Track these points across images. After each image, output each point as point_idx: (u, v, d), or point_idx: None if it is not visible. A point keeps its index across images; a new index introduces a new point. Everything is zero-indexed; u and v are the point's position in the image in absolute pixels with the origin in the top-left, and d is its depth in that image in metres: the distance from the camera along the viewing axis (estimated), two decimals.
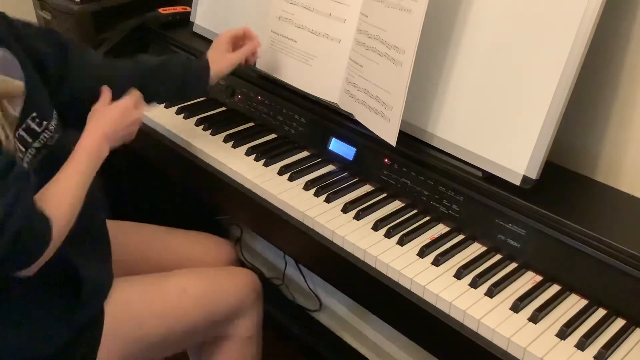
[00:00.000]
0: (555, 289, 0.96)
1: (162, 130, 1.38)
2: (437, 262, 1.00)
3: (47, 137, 0.98)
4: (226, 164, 1.24)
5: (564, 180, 1.08)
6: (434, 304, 0.94)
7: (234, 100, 1.43)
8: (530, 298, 0.93)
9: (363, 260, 1.03)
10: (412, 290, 0.97)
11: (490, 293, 0.94)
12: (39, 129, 0.96)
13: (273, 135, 1.34)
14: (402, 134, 1.08)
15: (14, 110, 0.92)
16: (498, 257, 1.02)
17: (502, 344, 0.87)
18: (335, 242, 1.06)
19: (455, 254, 1.02)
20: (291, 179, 1.19)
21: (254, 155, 1.26)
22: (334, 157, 1.24)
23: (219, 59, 1.24)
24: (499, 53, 1.03)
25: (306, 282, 1.89)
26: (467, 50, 1.06)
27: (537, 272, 0.99)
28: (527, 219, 0.99)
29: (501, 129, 1.03)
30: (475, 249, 1.04)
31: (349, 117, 1.20)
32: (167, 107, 1.44)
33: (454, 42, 1.08)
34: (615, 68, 1.04)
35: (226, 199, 1.29)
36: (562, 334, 0.87)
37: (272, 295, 1.35)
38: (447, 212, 1.08)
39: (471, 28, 1.06)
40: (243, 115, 1.40)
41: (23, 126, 0.94)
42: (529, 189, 1.00)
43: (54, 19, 1.63)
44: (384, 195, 1.15)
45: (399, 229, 1.06)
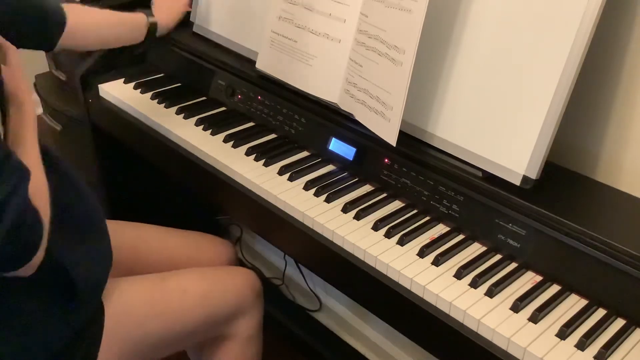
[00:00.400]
0: (555, 289, 0.96)
1: (162, 130, 1.38)
2: (437, 262, 1.00)
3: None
4: (226, 164, 1.24)
5: (564, 180, 1.08)
6: (434, 304, 0.94)
7: (234, 100, 1.43)
8: (530, 298, 0.93)
9: (363, 260, 1.03)
10: (412, 290, 0.97)
11: (490, 293, 0.94)
12: None
13: (273, 135, 1.34)
14: (402, 134, 1.08)
15: None
16: (498, 257, 1.02)
17: (502, 344, 0.87)
18: (335, 242, 1.06)
19: (455, 254, 1.02)
20: (291, 179, 1.19)
21: (254, 155, 1.26)
22: (334, 157, 1.24)
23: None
24: (499, 53, 1.03)
25: (306, 282, 1.89)
26: (467, 50, 1.06)
27: (537, 272, 0.99)
28: (527, 219, 0.99)
29: (501, 129, 1.03)
30: (475, 249, 1.04)
31: (349, 117, 1.20)
32: (167, 107, 1.44)
33: (454, 42, 1.08)
34: (615, 68, 1.04)
35: (226, 199, 1.29)
36: (562, 334, 0.87)
37: (272, 295, 1.35)
38: (447, 212, 1.08)
39: (471, 28, 1.06)
40: (243, 115, 1.40)
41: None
42: (529, 189, 1.00)
43: None
44: (384, 195, 1.16)
45: (399, 229, 1.06)
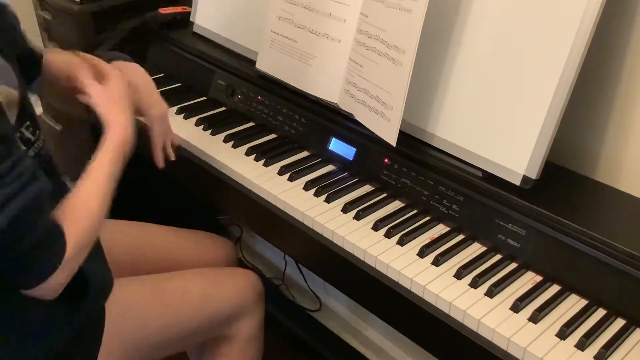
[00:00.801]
0: (555, 289, 0.96)
1: None
2: (437, 262, 1.00)
3: (40, 146, 0.97)
4: (226, 164, 1.24)
5: (564, 180, 1.08)
6: (434, 304, 0.94)
7: (234, 100, 1.43)
8: (530, 298, 0.93)
9: (363, 260, 1.03)
10: (412, 290, 0.97)
11: (490, 293, 0.94)
12: (32, 138, 0.94)
13: (273, 135, 1.34)
14: (402, 134, 1.08)
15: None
16: (498, 257, 1.02)
17: (502, 344, 0.87)
18: (335, 242, 1.06)
19: (455, 254, 1.02)
20: (291, 179, 1.19)
21: (254, 155, 1.26)
22: (334, 157, 1.24)
23: None
24: (499, 53, 1.03)
25: (306, 282, 1.89)
26: (467, 50, 1.06)
27: (537, 272, 0.99)
28: (527, 219, 0.99)
29: (501, 129, 1.03)
30: (475, 249, 1.04)
31: (349, 117, 1.20)
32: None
33: (454, 42, 1.08)
34: (615, 68, 1.04)
35: (226, 199, 1.29)
36: (562, 334, 0.87)
37: (272, 295, 1.35)
38: (447, 212, 1.08)
39: (471, 28, 1.06)
40: (243, 115, 1.40)
41: (18, 135, 0.92)
42: (529, 189, 1.00)
43: (54, 19, 1.63)
44: (384, 195, 1.15)
45: (399, 229, 1.06)
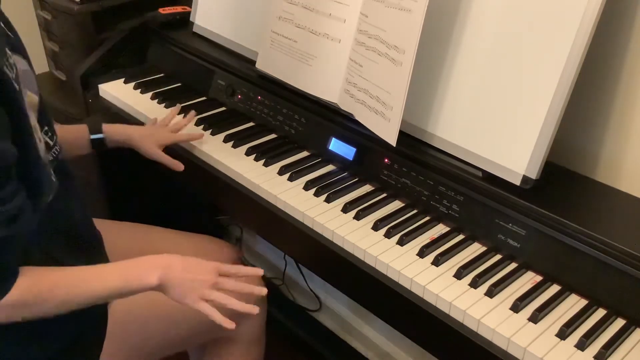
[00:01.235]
0: (555, 289, 0.96)
1: None
2: (437, 262, 1.00)
3: (57, 151, 0.98)
4: (226, 164, 1.24)
5: (564, 180, 1.08)
6: (434, 304, 0.94)
7: (234, 100, 1.43)
8: (530, 298, 0.93)
9: (363, 260, 1.03)
10: (412, 290, 0.97)
11: (490, 293, 0.94)
12: (51, 142, 0.96)
13: (273, 135, 1.34)
14: (402, 134, 1.08)
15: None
16: (498, 257, 1.02)
17: (502, 344, 0.87)
18: (335, 242, 1.06)
19: (455, 254, 1.02)
20: (291, 179, 1.19)
21: (254, 155, 1.26)
22: (334, 157, 1.24)
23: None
24: (499, 53, 1.03)
25: (306, 282, 1.89)
26: (467, 50, 1.06)
27: (537, 272, 0.99)
28: (527, 219, 0.99)
29: (501, 129, 1.03)
30: (475, 249, 1.04)
31: (349, 117, 1.20)
32: (167, 107, 1.44)
33: (454, 42, 1.08)
34: (615, 68, 1.04)
35: (226, 199, 1.29)
36: (562, 334, 0.87)
37: (272, 295, 1.34)
38: (447, 212, 1.08)
39: (471, 28, 1.06)
40: (243, 115, 1.40)
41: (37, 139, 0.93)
42: (529, 189, 1.00)
43: (54, 19, 1.63)
44: (384, 195, 1.15)
45: (399, 229, 1.06)
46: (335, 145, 1.24)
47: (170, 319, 1.12)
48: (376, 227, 1.07)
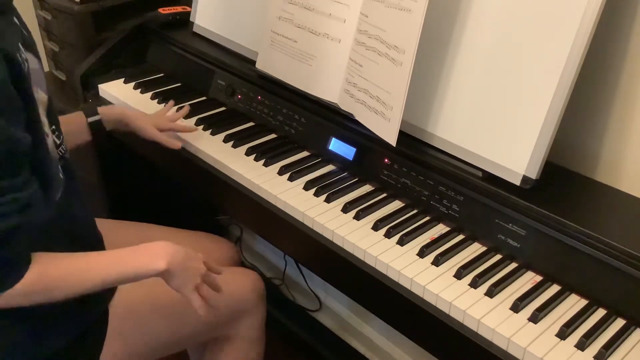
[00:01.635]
0: (555, 289, 0.96)
1: None
2: (437, 262, 1.00)
3: (64, 150, 0.98)
4: (226, 164, 1.24)
5: (564, 180, 1.08)
6: (434, 304, 0.94)
7: (234, 100, 1.43)
8: (530, 298, 0.93)
9: (363, 260, 1.03)
10: (412, 290, 0.97)
11: (490, 293, 0.94)
12: (58, 141, 0.96)
13: (273, 135, 1.34)
14: (402, 134, 1.08)
15: None
16: (498, 257, 1.02)
17: (502, 344, 0.87)
18: (335, 242, 1.06)
19: (455, 254, 1.02)
20: (291, 179, 1.19)
21: (254, 155, 1.26)
22: (334, 157, 1.24)
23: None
24: (499, 53, 1.03)
25: (306, 282, 1.89)
26: (467, 50, 1.06)
27: (537, 272, 0.99)
28: (527, 219, 0.99)
29: (501, 129, 1.03)
30: (475, 249, 1.04)
31: (349, 117, 1.20)
32: None
33: (454, 42, 1.08)
34: (615, 68, 1.04)
35: (226, 199, 1.29)
36: (562, 334, 0.87)
37: (272, 295, 1.35)
38: (447, 212, 1.08)
39: (471, 28, 1.06)
40: (243, 115, 1.40)
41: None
42: (529, 189, 1.00)
43: (54, 19, 1.63)
44: (384, 195, 1.15)
45: (399, 229, 1.06)
46: (335, 145, 1.24)
47: (172, 318, 1.12)
48: (376, 227, 1.07)
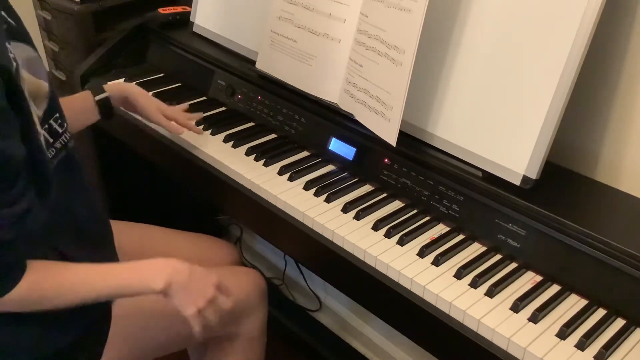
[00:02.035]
0: (555, 289, 0.96)
1: (161, 130, 1.37)
2: (437, 262, 1.00)
3: (67, 139, 0.98)
4: (226, 164, 1.24)
5: (564, 180, 1.08)
6: (434, 304, 0.94)
7: (234, 100, 1.43)
8: (530, 298, 0.93)
9: (363, 260, 1.03)
10: (412, 290, 0.97)
11: (490, 293, 0.94)
12: (60, 130, 0.96)
13: (273, 135, 1.34)
14: (402, 134, 1.08)
15: (38, 110, 0.91)
16: (498, 257, 1.02)
17: (502, 344, 0.87)
18: (335, 242, 1.06)
19: (455, 254, 1.02)
20: (291, 179, 1.19)
21: (254, 155, 1.26)
22: (334, 157, 1.24)
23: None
24: (499, 53, 1.03)
25: (306, 282, 1.89)
26: (467, 50, 1.06)
27: (537, 272, 0.99)
28: (527, 219, 0.99)
29: (501, 129, 1.03)
30: (475, 249, 1.04)
31: (349, 117, 1.20)
32: None
33: (454, 42, 1.08)
34: (615, 68, 1.04)
35: (226, 199, 1.29)
36: (562, 334, 0.87)
37: (272, 295, 1.35)
38: (447, 212, 1.08)
39: (471, 28, 1.06)
40: (243, 115, 1.40)
41: (45, 126, 0.93)
42: (529, 189, 1.00)
43: (54, 19, 1.63)
44: (384, 195, 1.15)
45: (399, 229, 1.06)
46: (335, 145, 1.24)
47: (172, 318, 1.12)
48: (376, 227, 1.07)
